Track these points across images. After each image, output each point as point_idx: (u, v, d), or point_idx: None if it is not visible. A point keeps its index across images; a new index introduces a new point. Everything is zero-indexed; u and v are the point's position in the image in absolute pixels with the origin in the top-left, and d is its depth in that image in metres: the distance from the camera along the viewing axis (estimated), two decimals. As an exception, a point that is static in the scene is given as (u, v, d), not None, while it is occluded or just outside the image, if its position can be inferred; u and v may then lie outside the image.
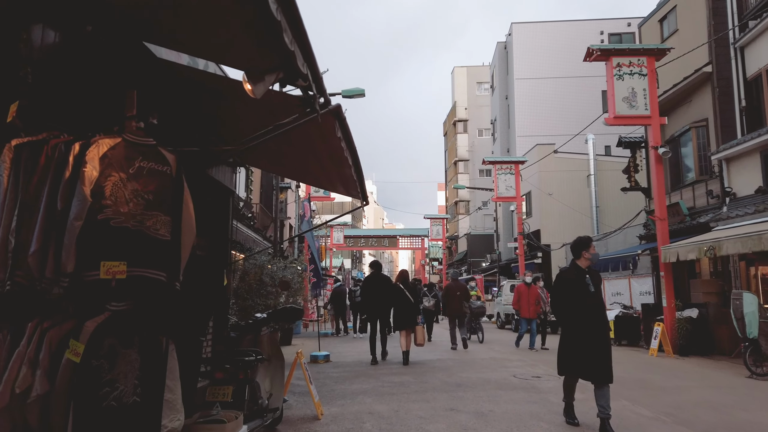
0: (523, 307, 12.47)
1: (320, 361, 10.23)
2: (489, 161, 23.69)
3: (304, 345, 13.76)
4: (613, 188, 24.50)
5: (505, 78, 32.86)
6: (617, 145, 16.11)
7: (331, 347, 13.01)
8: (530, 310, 12.34)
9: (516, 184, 23.02)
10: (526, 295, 12.53)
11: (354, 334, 16.44)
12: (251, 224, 16.14)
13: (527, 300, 12.44)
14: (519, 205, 23.20)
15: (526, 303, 12.42)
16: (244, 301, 11.01)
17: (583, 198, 24.56)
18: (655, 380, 8.08)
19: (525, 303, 12.46)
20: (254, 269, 11.39)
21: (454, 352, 11.92)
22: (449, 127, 51.06)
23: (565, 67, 29.94)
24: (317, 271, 10.69)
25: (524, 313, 12.45)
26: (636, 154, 15.66)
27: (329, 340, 15.39)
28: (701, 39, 13.17)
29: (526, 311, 12.41)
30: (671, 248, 11.51)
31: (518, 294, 12.73)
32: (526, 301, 12.44)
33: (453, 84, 49.27)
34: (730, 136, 12.55)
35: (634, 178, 15.56)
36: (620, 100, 12.44)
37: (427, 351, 11.89)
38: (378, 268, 10.65)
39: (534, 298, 12.44)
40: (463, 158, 46.50)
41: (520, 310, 12.58)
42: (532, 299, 12.42)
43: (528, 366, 9.45)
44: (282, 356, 5.22)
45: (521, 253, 22.83)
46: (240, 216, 13.78)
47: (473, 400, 6.53)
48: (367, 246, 49.15)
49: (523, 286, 12.79)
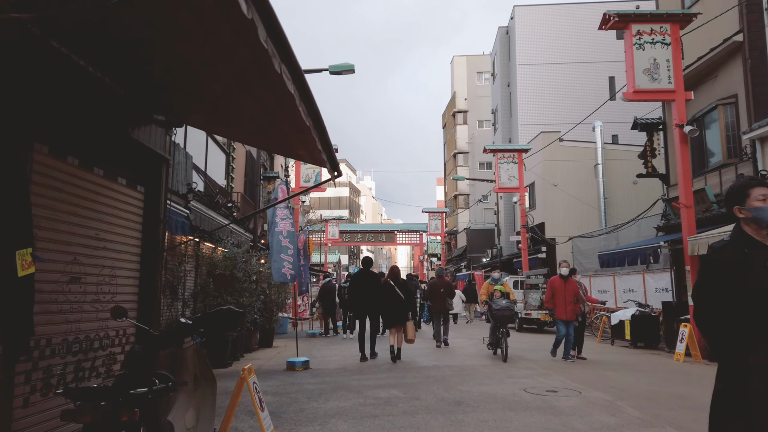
0: (558, 307, 9.95)
1: (298, 368, 8.84)
2: (490, 149, 22.24)
3: (287, 347, 12.36)
4: (623, 178, 23.09)
5: (507, 64, 31.39)
6: (632, 128, 14.67)
7: (315, 350, 11.62)
8: (567, 311, 9.82)
9: (519, 173, 21.59)
10: (562, 291, 9.93)
11: (344, 335, 15.06)
12: (231, 214, 14.71)
13: (563, 297, 9.90)
14: (522, 197, 21.78)
15: (563, 301, 9.89)
16: (214, 300, 9.61)
17: (590, 189, 23.14)
18: (695, 395, 6.68)
19: (561, 301, 9.91)
20: (225, 263, 9.97)
21: (452, 357, 10.53)
22: (448, 119, 49.57)
23: (570, 51, 28.48)
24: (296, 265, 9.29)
25: (560, 314, 9.91)
26: (653, 138, 14.22)
27: (315, 341, 14.00)
28: (730, 3, 11.71)
29: (562, 311, 9.86)
30: (699, 239, 10.10)
31: (552, 289, 10.11)
32: (563, 299, 9.89)
33: (452, 74, 47.75)
34: (763, 114, 11.12)
35: (651, 163, 14.14)
36: (640, 73, 11.01)
37: (422, 354, 10.50)
38: (368, 264, 10.53)
39: (572, 295, 9.93)
40: (462, 150, 45.04)
41: (555, 310, 10.06)
42: (569, 296, 9.89)
43: (539, 376, 8.05)
44: (213, 378, 3.83)
45: (524, 247, 21.42)
46: (214, 204, 12.35)
47: (476, 426, 5.13)
48: (363, 241, 47.77)
49: (558, 280, 10.12)
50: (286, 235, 9.62)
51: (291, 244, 9.64)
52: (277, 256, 9.15)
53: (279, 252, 9.40)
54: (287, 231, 9.63)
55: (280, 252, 9.40)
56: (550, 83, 28.33)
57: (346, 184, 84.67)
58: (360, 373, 8.43)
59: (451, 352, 11.32)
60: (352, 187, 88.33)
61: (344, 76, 13.66)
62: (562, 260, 10.89)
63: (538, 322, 17.21)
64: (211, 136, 14.92)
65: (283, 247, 9.46)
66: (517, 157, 21.76)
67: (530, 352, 11.28)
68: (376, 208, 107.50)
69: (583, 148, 23.59)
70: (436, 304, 12.45)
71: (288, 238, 9.61)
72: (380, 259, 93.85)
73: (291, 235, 9.69)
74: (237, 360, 10.24)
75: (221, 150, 16.00)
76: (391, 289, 9.79)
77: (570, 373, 8.36)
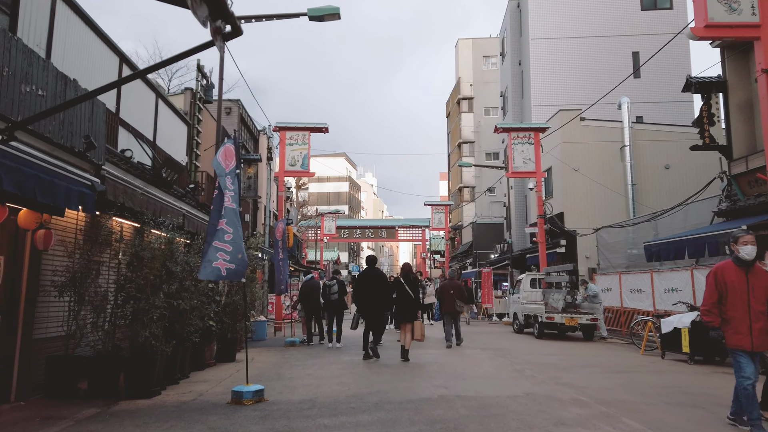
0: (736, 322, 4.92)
1: (246, 401, 6.15)
2: (503, 128, 19.47)
3: (254, 361, 9.66)
4: (653, 162, 20.36)
5: (518, 41, 28.60)
6: (683, 89, 11.92)
7: (286, 368, 8.94)
8: (756, 330, 4.85)
9: (536, 155, 18.84)
10: (743, 291, 4.95)
11: (329, 344, 12.38)
12: (190, 195, 12.03)
13: (745, 303, 4.92)
14: (539, 182, 19.02)
15: (744, 311, 4.91)
16: (137, 303, 6.91)
17: (616, 174, 20.38)
18: None
19: (741, 311, 4.92)
20: (156, 253, 7.27)
21: (463, 378, 7.81)
22: (452, 107, 46.77)
23: (589, 24, 25.69)
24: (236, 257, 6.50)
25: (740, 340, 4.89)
26: (711, 101, 11.47)
27: (292, 352, 11.33)
28: None
29: (745, 331, 4.87)
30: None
31: (721, 287, 5.03)
32: (744, 307, 4.91)
33: (457, 58, 44.93)
34: None
35: (708, 132, 11.39)
36: (715, 1, 8.27)
37: (426, 369, 7.80)
38: (372, 263, 10.16)
39: (764, 296, 4.94)
40: (467, 140, 42.27)
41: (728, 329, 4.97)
42: (759, 299, 4.92)
43: (601, 419, 5.34)
44: None
45: (542, 240, 18.68)
46: (161, 180, 9.67)
47: None
48: (363, 237, 45.20)
49: (734, 270, 5.03)
50: (224, 214, 6.74)
51: (231, 227, 6.72)
52: (208, 242, 6.37)
53: (212, 238, 6.52)
54: (227, 208, 6.76)
55: (214, 238, 6.50)
56: (566, 59, 25.55)
57: (346, 178, 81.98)
58: (332, 410, 5.75)
59: (463, 368, 8.60)
60: (352, 182, 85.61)
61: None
62: (739, 230, 5.22)
63: (560, 327, 14.46)
64: (165, 100, 12.23)
65: (218, 232, 6.55)
66: (534, 138, 19.00)
67: (577, 370, 8.56)
68: (378, 205, 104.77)
69: (607, 128, 20.83)
70: (446, 306, 12.48)
71: (226, 218, 6.70)
72: (382, 257, 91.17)
73: (231, 214, 6.81)
74: (176, 384, 7.57)
75: (181, 120, 13.30)
76: (401, 286, 9.80)
77: (649, 412, 5.65)
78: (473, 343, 12.86)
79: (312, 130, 18.40)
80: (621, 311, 15.74)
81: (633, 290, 15.33)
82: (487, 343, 13.00)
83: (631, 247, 16.92)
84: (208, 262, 6.14)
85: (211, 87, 13.94)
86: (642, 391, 6.90)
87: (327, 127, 18.53)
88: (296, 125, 18.27)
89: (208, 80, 13.94)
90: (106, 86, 4.99)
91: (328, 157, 76.11)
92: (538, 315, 14.66)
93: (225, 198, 6.77)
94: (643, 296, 14.72)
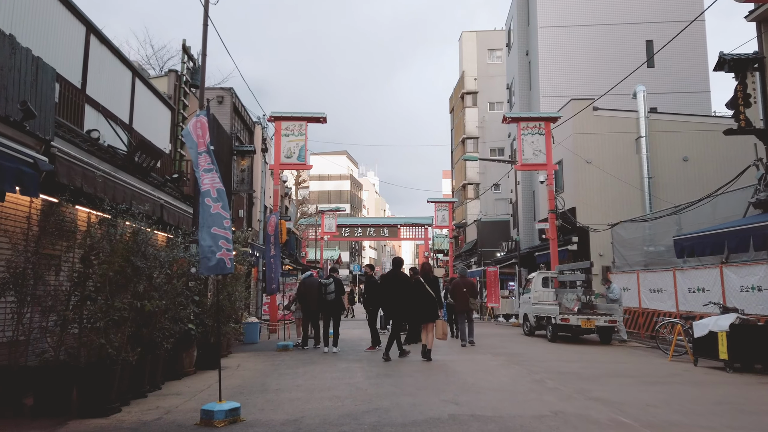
0: None
1: (217, 423, 5.09)
2: (511, 118, 18.36)
3: (240, 369, 8.60)
4: (671, 154, 19.24)
5: (526, 30, 27.48)
6: (715, 68, 10.80)
7: (273, 378, 7.86)
8: None
9: (546, 146, 17.73)
10: None
11: (325, 348, 11.31)
12: (172, 185, 10.98)
13: None
14: (550, 174, 17.92)
15: None
16: (93, 304, 5.85)
17: (631, 166, 19.25)
18: None
19: None
20: (117, 246, 6.19)
21: (477, 391, 6.72)
22: (456, 102, 45.63)
23: (600, 11, 24.55)
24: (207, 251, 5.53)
25: None
26: (747, 80, 10.36)
27: (283, 358, 10.26)
28: None
29: None
30: None
31: None
32: None
33: (461, 52, 43.79)
34: None
35: (744, 115, 10.28)
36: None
37: (437, 376, 6.72)
38: (399, 265, 10.14)
39: None
40: (471, 135, 41.14)
41: None
42: None
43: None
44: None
45: (553, 236, 17.57)
46: (131, 165, 8.61)
47: None
48: (364, 236, 44.16)
49: None
50: (217, 196, 5.85)
51: (226, 211, 5.87)
52: (206, 231, 5.40)
53: (209, 225, 5.63)
54: (217, 189, 5.87)
55: (212, 225, 5.62)
56: (576, 49, 24.43)
57: (348, 176, 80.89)
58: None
59: (474, 378, 7.51)
60: (353, 181, 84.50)
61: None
62: None
63: (575, 330, 13.33)
64: (144, 80, 11.17)
65: (214, 217, 5.69)
66: (545, 128, 17.89)
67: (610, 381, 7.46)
68: (380, 203, 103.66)
69: (621, 118, 19.71)
70: (459, 304, 12.43)
71: (220, 201, 5.84)
72: (383, 257, 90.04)
73: (223, 195, 5.91)
74: (143, 397, 6.51)
75: (164, 104, 12.24)
76: (421, 286, 9.68)
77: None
78: (483, 348, 11.78)
79: (309, 120, 17.35)
80: (639, 312, 14.63)
81: (653, 290, 14.21)
82: (498, 348, 11.91)
83: (648, 243, 15.81)
84: (210, 253, 5.14)
85: (198, 70, 12.87)
86: (691, 408, 5.81)
87: (325, 117, 17.48)
88: (292, 115, 17.23)
89: (195, 62, 12.88)
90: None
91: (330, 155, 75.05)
92: (551, 316, 13.56)
93: (212, 177, 5.83)
94: (665, 296, 13.60)
